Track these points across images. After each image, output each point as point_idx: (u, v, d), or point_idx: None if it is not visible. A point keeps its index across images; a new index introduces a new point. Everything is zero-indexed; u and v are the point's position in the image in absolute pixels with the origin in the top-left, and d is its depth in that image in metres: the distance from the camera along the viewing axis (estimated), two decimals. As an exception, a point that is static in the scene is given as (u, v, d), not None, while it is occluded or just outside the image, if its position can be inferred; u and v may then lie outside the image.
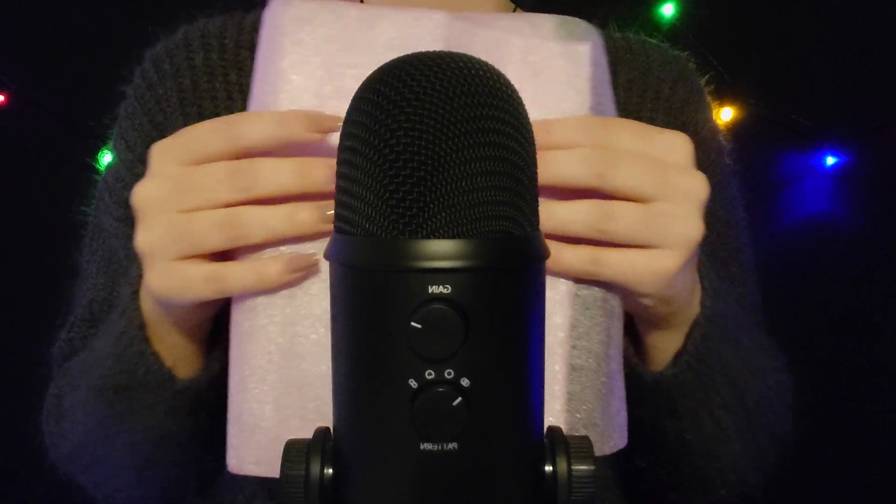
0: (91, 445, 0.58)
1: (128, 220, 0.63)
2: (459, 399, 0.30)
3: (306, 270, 0.47)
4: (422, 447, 0.30)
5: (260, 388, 0.47)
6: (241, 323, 0.48)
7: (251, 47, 0.65)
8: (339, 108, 0.47)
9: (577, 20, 0.52)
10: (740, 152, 0.71)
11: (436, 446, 0.30)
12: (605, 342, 0.49)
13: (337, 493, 0.32)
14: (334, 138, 0.45)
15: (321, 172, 0.45)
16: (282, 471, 0.33)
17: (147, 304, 0.52)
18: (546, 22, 0.51)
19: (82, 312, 0.65)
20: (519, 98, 0.33)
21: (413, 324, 0.29)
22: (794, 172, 1.48)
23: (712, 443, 0.57)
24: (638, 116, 0.66)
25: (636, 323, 0.55)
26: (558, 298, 0.47)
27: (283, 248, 0.47)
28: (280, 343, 0.47)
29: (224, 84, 0.63)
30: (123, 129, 0.66)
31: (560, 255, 0.46)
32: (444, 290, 0.29)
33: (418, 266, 0.29)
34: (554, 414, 0.47)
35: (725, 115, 1.42)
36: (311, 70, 0.48)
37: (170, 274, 0.46)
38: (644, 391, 0.55)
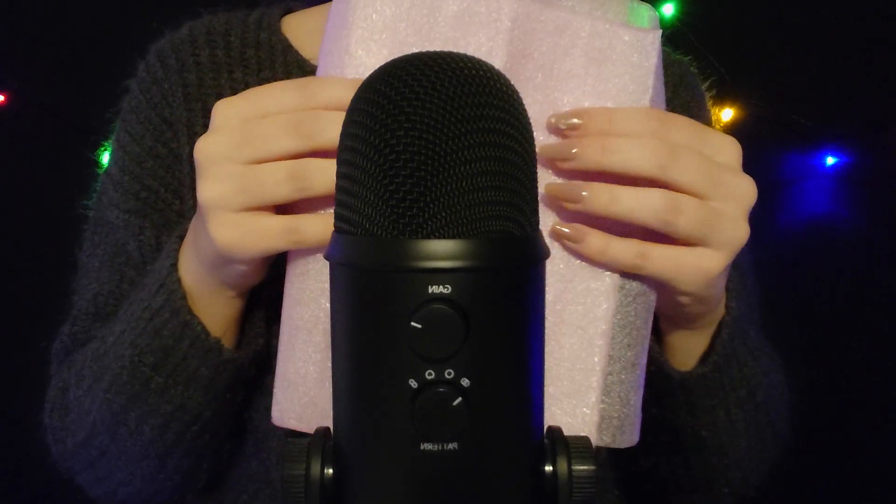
0: (108, 433, 0.57)
1: (138, 211, 0.63)
2: (459, 399, 0.30)
3: None
4: (422, 447, 0.30)
5: (305, 349, 0.49)
6: (294, 284, 0.50)
7: (256, 45, 0.65)
8: None
9: (646, 6, 0.51)
10: (740, 152, 0.71)
11: (436, 446, 0.30)
12: (644, 337, 0.50)
13: (337, 492, 0.32)
14: None
15: None
16: (282, 470, 0.33)
17: (194, 272, 0.52)
18: (617, 5, 0.50)
19: (86, 306, 0.64)
20: (519, 98, 0.33)
21: (413, 324, 0.29)
22: (794, 172, 1.48)
23: (724, 439, 0.57)
24: None
25: (661, 322, 0.55)
26: (604, 289, 0.48)
27: None
28: (327, 308, 0.48)
29: (229, 81, 0.63)
30: (128, 122, 0.66)
31: (608, 246, 0.46)
32: (445, 290, 0.29)
33: (419, 266, 0.29)
34: (589, 405, 0.47)
35: (726, 115, 1.42)
36: (377, 47, 0.48)
37: (240, 224, 0.47)
38: (667, 389, 0.56)
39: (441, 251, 0.29)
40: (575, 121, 0.46)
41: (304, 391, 0.49)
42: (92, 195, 0.70)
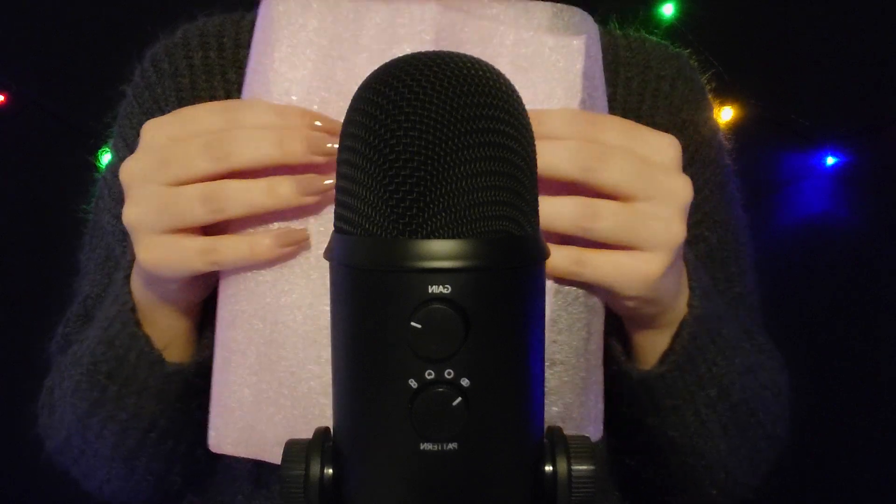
0: (80, 435, 0.58)
1: None
2: (459, 399, 0.30)
3: (297, 245, 0.47)
4: (422, 447, 0.30)
5: (238, 372, 0.49)
6: (225, 307, 0.49)
7: (249, 46, 0.65)
8: (329, 100, 0.48)
9: (573, 9, 0.51)
10: (740, 152, 0.71)
11: (436, 446, 0.30)
12: (586, 338, 0.49)
13: (337, 493, 0.32)
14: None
15: (299, 144, 0.45)
16: (282, 471, 0.33)
17: (138, 287, 0.53)
18: (541, 11, 0.50)
19: (77, 308, 0.65)
20: (519, 98, 0.33)
21: (413, 324, 0.29)
22: (794, 172, 1.48)
23: (696, 440, 0.57)
24: (637, 114, 0.65)
25: (625, 322, 0.55)
26: None
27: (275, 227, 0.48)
28: (260, 329, 0.48)
29: (223, 83, 0.63)
30: (122, 128, 0.66)
31: None
32: (445, 290, 0.29)
33: (418, 266, 0.29)
34: None
35: (725, 114, 1.42)
36: (302, 62, 0.48)
37: (160, 246, 0.47)
38: (630, 389, 0.56)
39: (441, 251, 0.29)
40: None
41: (239, 416, 0.49)
42: (91, 198, 0.70)
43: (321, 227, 0.48)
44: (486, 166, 0.30)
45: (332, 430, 0.34)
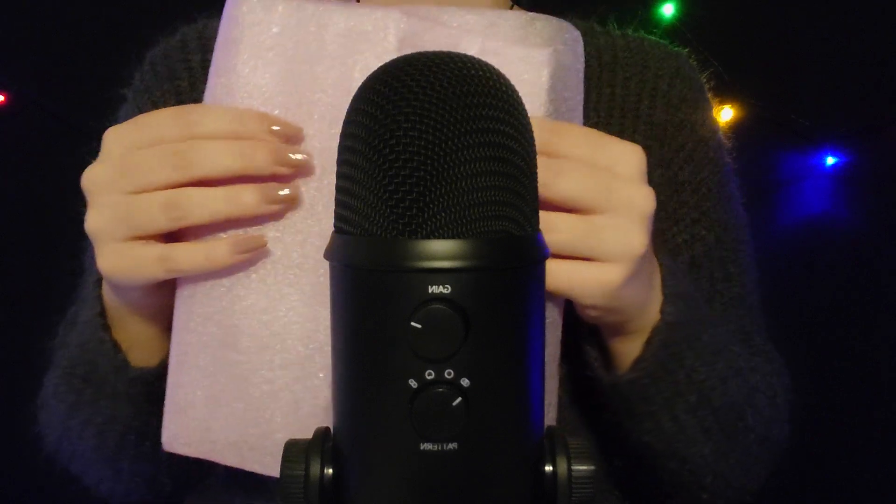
0: (67, 437, 0.59)
1: None
2: (459, 399, 0.30)
3: (254, 252, 0.48)
4: (422, 447, 0.30)
5: (192, 373, 0.49)
6: (181, 309, 0.50)
7: None
8: (290, 103, 0.48)
9: (550, 19, 0.50)
10: (740, 152, 0.71)
11: (436, 446, 0.30)
12: (548, 344, 0.49)
13: (337, 493, 0.32)
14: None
15: (261, 154, 0.45)
16: (282, 471, 0.33)
17: (107, 292, 0.53)
18: (509, 21, 0.49)
19: (75, 309, 0.66)
20: (519, 99, 0.33)
21: (413, 324, 0.29)
22: (794, 172, 1.48)
23: (677, 445, 0.56)
24: (635, 113, 0.65)
25: (600, 329, 0.54)
26: None
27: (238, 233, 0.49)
28: (214, 332, 0.49)
29: None
30: None
31: None
32: (445, 291, 0.29)
33: (418, 266, 0.29)
34: None
35: (725, 114, 1.42)
36: (264, 66, 0.48)
37: (119, 254, 0.47)
38: (603, 395, 0.55)
39: (441, 251, 0.29)
40: None
41: (192, 416, 0.49)
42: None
43: (277, 234, 0.48)
44: (486, 166, 0.30)
45: (332, 430, 0.33)
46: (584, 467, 0.32)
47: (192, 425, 0.49)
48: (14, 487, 1.49)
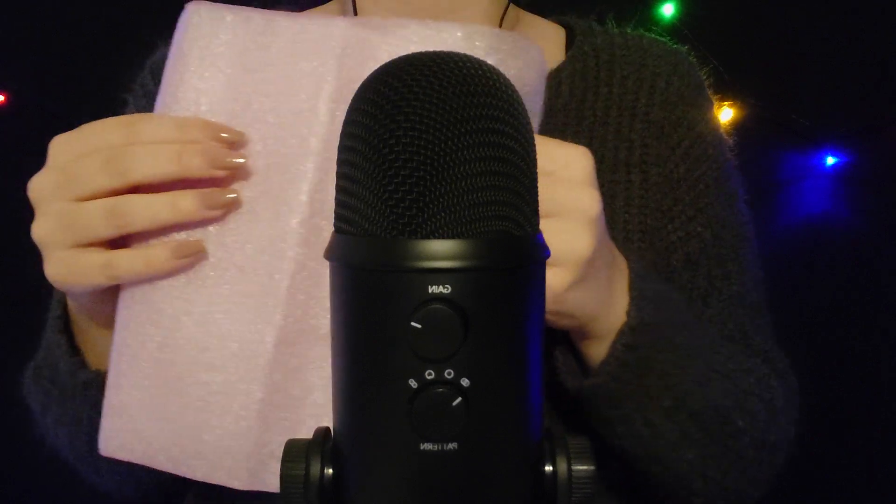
0: (46, 432, 0.60)
1: None
2: (459, 399, 0.30)
3: (193, 257, 0.48)
4: (422, 447, 0.30)
5: (131, 377, 0.49)
6: (121, 312, 0.50)
7: None
8: (236, 110, 0.49)
9: (502, 34, 0.49)
10: (740, 152, 0.71)
11: (436, 446, 0.30)
12: None
13: (337, 493, 0.32)
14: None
15: (197, 158, 0.46)
16: (282, 471, 0.33)
17: (66, 297, 0.54)
18: (456, 32, 0.49)
19: None
20: (519, 98, 0.33)
21: (413, 324, 0.29)
22: (794, 172, 1.48)
23: (654, 449, 0.55)
24: (632, 111, 0.65)
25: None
26: None
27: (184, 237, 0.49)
28: (153, 335, 0.49)
29: None
30: None
31: None
32: (444, 290, 0.29)
33: (418, 266, 0.29)
34: None
35: (725, 114, 1.42)
36: (212, 74, 0.49)
37: (64, 262, 0.48)
38: (571, 400, 0.55)
39: (440, 251, 0.29)
40: None
41: (128, 419, 0.49)
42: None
43: (219, 237, 0.48)
44: (486, 166, 0.30)
45: (332, 430, 0.33)
46: (584, 467, 0.32)
47: (128, 429, 0.49)
48: (14, 487, 1.49)
